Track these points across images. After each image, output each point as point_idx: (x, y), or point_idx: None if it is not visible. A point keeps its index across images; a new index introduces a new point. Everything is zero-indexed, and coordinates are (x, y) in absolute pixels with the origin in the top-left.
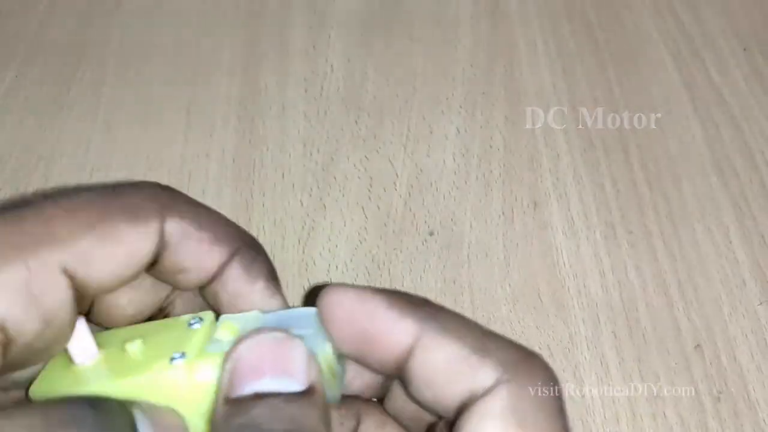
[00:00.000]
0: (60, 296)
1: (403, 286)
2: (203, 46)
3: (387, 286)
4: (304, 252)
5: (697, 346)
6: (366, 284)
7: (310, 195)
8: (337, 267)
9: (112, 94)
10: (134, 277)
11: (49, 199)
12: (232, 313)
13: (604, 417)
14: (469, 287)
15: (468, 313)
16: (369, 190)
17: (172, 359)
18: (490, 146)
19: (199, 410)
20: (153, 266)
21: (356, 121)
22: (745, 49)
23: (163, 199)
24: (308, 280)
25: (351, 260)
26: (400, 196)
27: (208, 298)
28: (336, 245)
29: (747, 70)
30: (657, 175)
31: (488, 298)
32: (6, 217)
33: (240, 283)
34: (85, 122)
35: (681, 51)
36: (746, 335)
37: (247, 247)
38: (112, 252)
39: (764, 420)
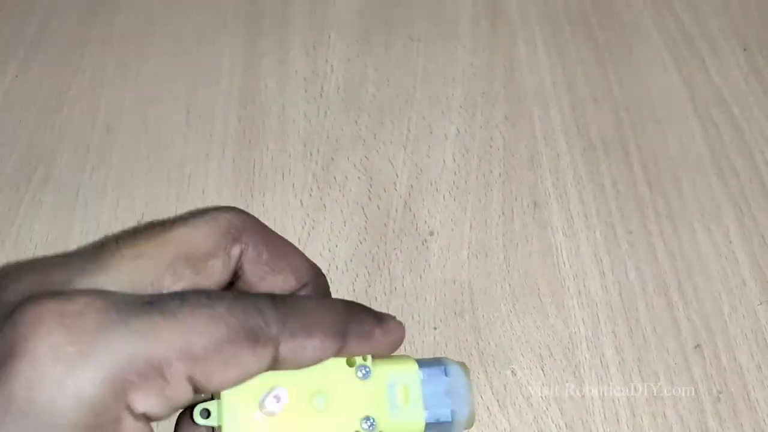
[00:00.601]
0: (186, 398)
1: (403, 286)
2: (203, 46)
3: (387, 286)
4: (304, 252)
5: (697, 346)
6: (366, 284)
7: (310, 195)
8: (337, 267)
9: (112, 94)
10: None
11: (186, 305)
12: None
13: (604, 417)
14: (469, 287)
15: (468, 313)
16: (369, 190)
17: (363, 423)
18: (490, 146)
19: None
20: None
21: (356, 121)
22: (745, 49)
23: (278, 315)
24: None
25: (351, 260)
26: (400, 196)
27: None
28: (336, 245)
29: (747, 70)
30: (657, 175)
31: (488, 298)
32: (146, 317)
33: (365, 349)
34: (85, 122)
35: (681, 51)
36: (746, 335)
37: (353, 316)
38: (230, 372)
39: (764, 420)
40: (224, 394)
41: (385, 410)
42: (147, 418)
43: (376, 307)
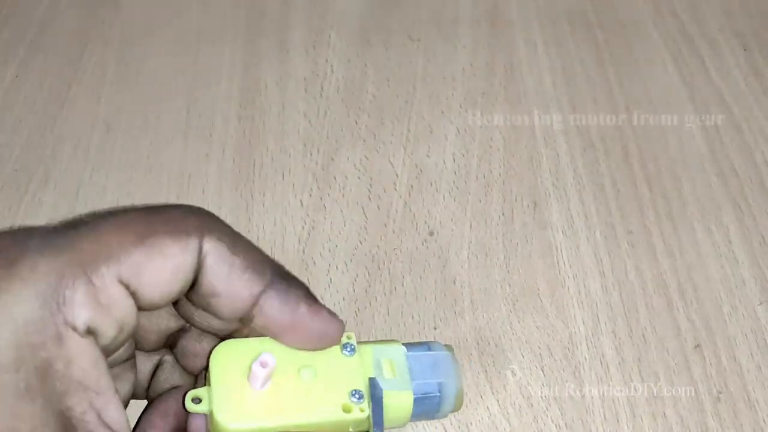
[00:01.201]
0: (125, 305)
1: (403, 286)
2: (203, 46)
3: (387, 286)
4: (304, 252)
5: (697, 346)
6: (366, 284)
7: (310, 195)
8: (337, 267)
9: (112, 94)
10: (176, 297)
11: (100, 216)
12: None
13: (604, 417)
14: (469, 287)
15: (468, 313)
16: (369, 190)
17: (352, 397)
18: (490, 146)
19: None
20: (190, 291)
21: (356, 121)
22: (745, 49)
23: (202, 217)
24: (308, 280)
25: (351, 260)
26: (400, 196)
27: (245, 327)
28: (336, 245)
29: (747, 70)
30: (657, 175)
31: (488, 298)
32: (64, 235)
33: (282, 313)
34: (85, 122)
35: (681, 51)
36: (746, 335)
37: (281, 276)
38: (160, 266)
39: (764, 420)
40: (213, 374)
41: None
42: (94, 336)
43: (376, 307)
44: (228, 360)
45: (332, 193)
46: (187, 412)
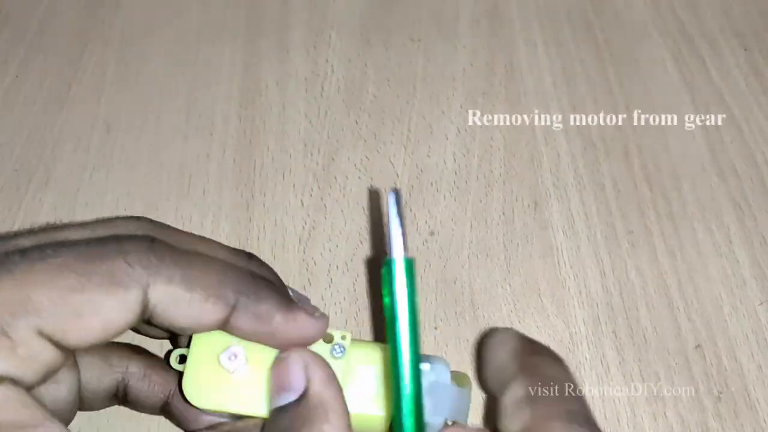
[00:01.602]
0: (48, 354)
1: None
2: (203, 46)
3: None
4: (304, 252)
5: (698, 346)
6: (367, 285)
7: (311, 195)
8: (337, 267)
9: (112, 94)
10: (113, 338)
11: (26, 259)
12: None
13: (605, 417)
14: (469, 287)
15: (468, 313)
16: (369, 190)
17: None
18: (490, 146)
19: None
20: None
21: (356, 121)
22: (745, 49)
23: (149, 258)
24: (308, 280)
25: (351, 260)
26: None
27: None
28: (336, 245)
29: (747, 70)
30: (657, 175)
31: (488, 298)
32: None
33: (255, 326)
34: (85, 122)
35: (681, 51)
36: (746, 335)
37: (247, 292)
38: (90, 321)
39: (765, 419)
40: (194, 343)
41: (348, 391)
42: (14, 382)
43: (377, 306)
44: (208, 343)
45: (333, 193)
46: None
